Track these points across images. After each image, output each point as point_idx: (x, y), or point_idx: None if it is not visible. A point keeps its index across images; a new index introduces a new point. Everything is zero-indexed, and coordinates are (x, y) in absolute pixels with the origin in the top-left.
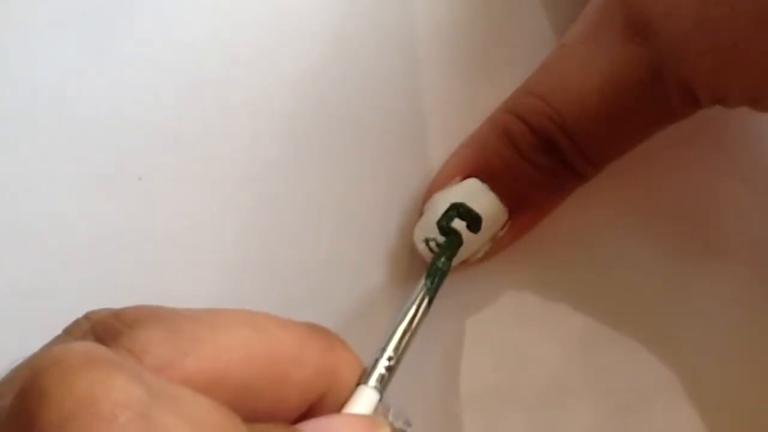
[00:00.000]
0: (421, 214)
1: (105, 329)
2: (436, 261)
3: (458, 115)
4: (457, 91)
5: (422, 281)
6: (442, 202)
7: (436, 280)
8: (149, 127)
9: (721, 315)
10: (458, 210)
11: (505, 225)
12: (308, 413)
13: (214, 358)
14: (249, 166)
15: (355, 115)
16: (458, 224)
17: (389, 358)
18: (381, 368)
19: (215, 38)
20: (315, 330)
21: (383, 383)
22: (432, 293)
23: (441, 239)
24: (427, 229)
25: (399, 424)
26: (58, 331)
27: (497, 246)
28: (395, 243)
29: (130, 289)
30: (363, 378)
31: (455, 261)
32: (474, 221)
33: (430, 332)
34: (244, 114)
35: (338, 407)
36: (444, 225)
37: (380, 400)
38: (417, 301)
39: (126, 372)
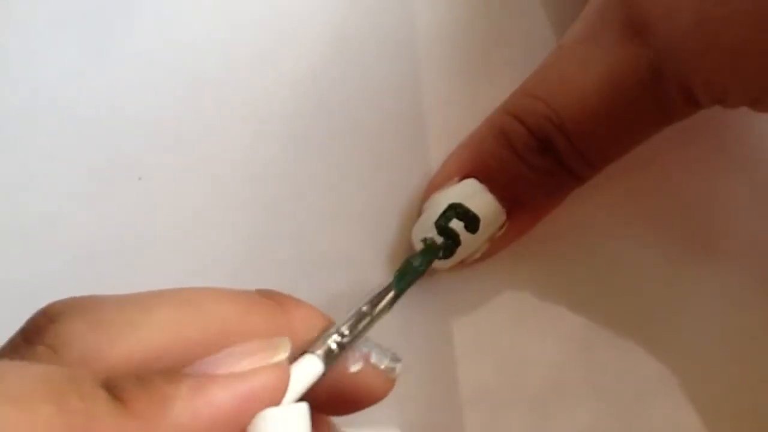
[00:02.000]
0: (419, 213)
1: (33, 326)
2: (411, 260)
3: (458, 115)
4: (457, 91)
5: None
6: (440, 202)
7: (407, 278)
8: (149, 127)
9: (721, 315)
10: (456, 210)
11: (503, 226)
12: None
13: (145, 340)
14: (249, 166)
15: (355, 115)
16: (456, 224)
17: (342, 335)
18: (332, 342)
19: (215, 38)
20: (262, 297)
21: (330, 357)
22: (399, 291)
23: (438, 239)
24: (425, 228)
25: (386, 364)
26: None
27: (495, 246)
28: (394, 242)
29: (130, 289)
30: (322, 338)
31: (452, 261)
32: (471, 222)
33: (430, 333)
34: (244, 114)
35: None
36: (442, 225)
37: (323, 374)
38: (382, 293)
39: None
